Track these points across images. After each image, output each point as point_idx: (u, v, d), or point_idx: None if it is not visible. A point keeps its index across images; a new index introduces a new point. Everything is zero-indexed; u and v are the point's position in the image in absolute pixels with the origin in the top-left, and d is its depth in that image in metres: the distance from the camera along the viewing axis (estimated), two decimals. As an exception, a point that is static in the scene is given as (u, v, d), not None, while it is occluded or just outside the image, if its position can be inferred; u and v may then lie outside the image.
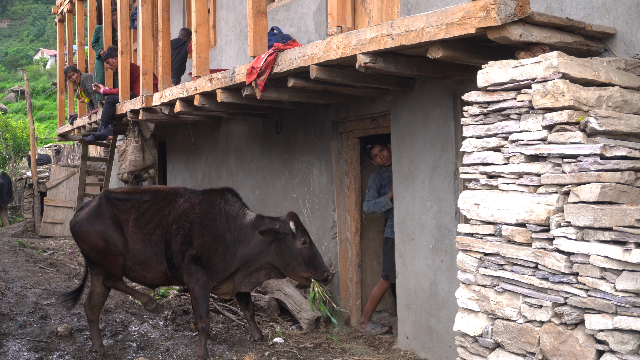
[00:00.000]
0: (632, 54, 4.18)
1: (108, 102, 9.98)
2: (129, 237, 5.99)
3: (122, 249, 5.98)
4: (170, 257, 5.91)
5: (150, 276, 6.08)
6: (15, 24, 74.06)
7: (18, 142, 24.26)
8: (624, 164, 3.34)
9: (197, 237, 5.85)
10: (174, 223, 5.93)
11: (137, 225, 6.00)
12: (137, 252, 5.97)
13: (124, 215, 6.06)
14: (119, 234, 5.99)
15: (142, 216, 6.03)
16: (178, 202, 6.06)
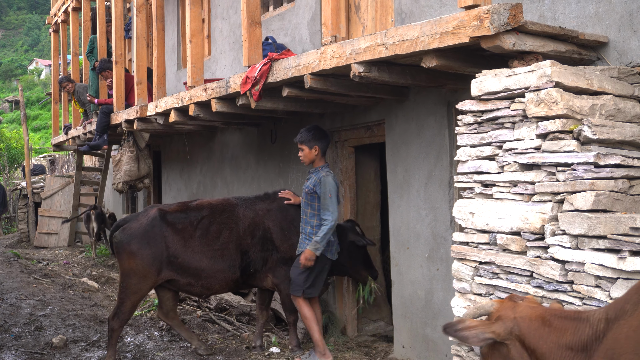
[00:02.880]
0: (624, 63, 4.20)
1: (102, 112, 9.98)
2: (191, 257, 5.92)
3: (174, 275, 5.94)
4: (246, 266, 6.01)
5: (217, 287, 6.11)
6: (10, 34, 74.03)
7: (12, 153, 24.23)
8: (618, 172, 3.35)
9: (281, 242, 6.04)
10: (247, 233, 6.02)
11: (203, 243, 5.96)
12: (203, 269, 5.92)
13: (181, 235, 5.95)
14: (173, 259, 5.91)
15: (207, 233, 5.99)
16: (240, 212, 6.13)
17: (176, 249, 5.90)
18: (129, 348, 6.45)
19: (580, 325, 2.67)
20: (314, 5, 7.26)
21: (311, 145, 5.82)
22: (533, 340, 2.74)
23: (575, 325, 2.69)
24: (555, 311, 2.81)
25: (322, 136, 5.88)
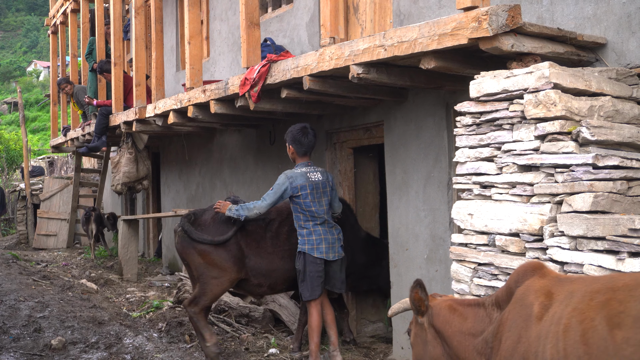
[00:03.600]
0: (623, 64, 4.21)
1: (101, 114, 9.98)
2: (264, 258, 5.98)
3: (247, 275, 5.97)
4: None
5: (281, 287, 6.26)
6: (8, 35, 74.01)
7: (11, 154, 24.22)
8: (616, 174, 3.35)
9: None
10: None
11: (275, 244, 6.04)
12: (274, 269, 6.00)
13: (253, 236, 5.98)
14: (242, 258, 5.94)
15: (277, 235, 6.08)
16: None
17: (250, 250, 5.95)
18: (128, 350, 6.44)
19: (478, 312, 2.98)
20: (313, 6, 7.27)
21: (289, 145, 5.95)
22: (441, 325, 3.11)
23: (474, 311, 3.00)
24: (461, 300, 3.18)
25: (297, 139, 5.87)
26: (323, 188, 5.80)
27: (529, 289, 2.65)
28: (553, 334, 2.42)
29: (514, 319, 2.65)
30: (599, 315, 2.32)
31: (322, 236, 5.72)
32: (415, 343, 3.37)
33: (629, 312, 2.25)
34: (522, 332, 2.58)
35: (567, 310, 2.43)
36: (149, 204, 13.66)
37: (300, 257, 5.73)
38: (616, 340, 2.23)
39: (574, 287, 2.51)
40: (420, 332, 3.28)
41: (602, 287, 2.41)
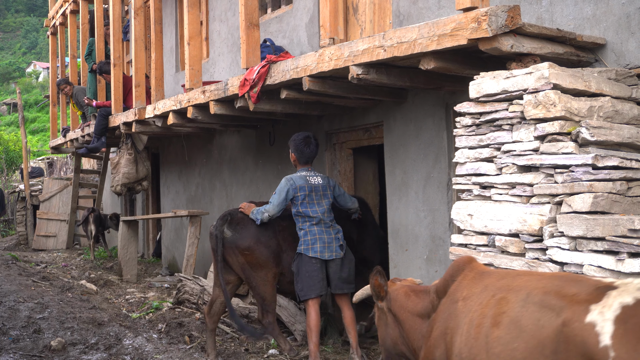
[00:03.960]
0: (622, 64, 4.21)
1: (101, 115, 9.98)
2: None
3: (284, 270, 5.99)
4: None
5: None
6: (8, 36, 74.00)
7: (10, 155, 24.22)
8: (616, 174, 3.35)
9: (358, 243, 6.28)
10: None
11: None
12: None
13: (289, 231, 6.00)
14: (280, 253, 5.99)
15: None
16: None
17: (286, 245, 5.97)
18: (128, 351, 6.44)
19: (426, 298, 3.26)
20: (312, 7, 7.27)
21: (291, 152, 6.03)
22: (397, 310, 3.40)
23: (423, 298, 3.29)
24: (414, 287, 3.47)
25: (299, 148, 5.95)
26: (323, 191, 5.84)
27: (459, 285, 2.94)
28: (462, 326, 2.69)
29: (444, 311, 2.95)
30: (491, 312, 2.54)
31: (317, 236, 5.72)
32: (378, 325, 3.63)
33: (509, 313, 2.43)
34: (447, 324, 2.87)
35: (475, 305, 2.69)
36: (148, 205, 13.65)
37: (296, 257, 5.77)
38: (492, 338, 2.44)
39: (488, 282, 2.77)
40: (382, 316, 3.55)
41: (504, 285, 2.64)
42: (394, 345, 3.50)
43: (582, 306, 2.21)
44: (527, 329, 2.35)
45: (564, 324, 2.22)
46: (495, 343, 2.43)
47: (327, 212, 5.84)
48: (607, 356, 2.02)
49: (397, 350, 3.49)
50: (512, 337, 2.39)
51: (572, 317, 2.20)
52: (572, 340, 2.17)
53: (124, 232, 10.24)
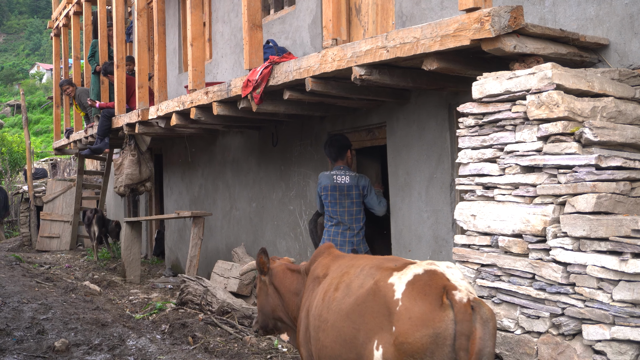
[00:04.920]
0: (625, 65, 4.21)
1: (104, 116, 10.00)
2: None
3: None
4: None
5: None
6: (11, 38, 74.16)
7: (14, 157, 24.23)
8: (619, 174, 3.35)
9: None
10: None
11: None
12: None
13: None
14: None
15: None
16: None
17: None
18: (131, 351, 6.45)
19: (299, 277, 4.11)
20: (315, 8, 7.27)
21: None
22: (278, 284, 4.17)
23: (297, 276, 4.12)
24: (291, 265, 4.25)
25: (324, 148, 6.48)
26: (348, 191, 6.02)
27: (318, 265, 3.88)
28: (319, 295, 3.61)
29: (309, 286, 3.87)
30: (335, 281, 3.52)
31: (331, 237, 5.86)
32: (259, 294, 4.34)
33: (346, 281, 3.43)
34: (310, 294, 3.80)
35: (329, 279, 3.63)
36: (151, 206, 13.67)
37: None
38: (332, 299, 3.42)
39: (341, 262, 3.75)
40: (263, 287, 4.27)
41: (349, 264, 3.61)
42: (272, 311, 4.26)
43: (388, 273, 3.17)
44: (354, 289, 3.31)
45: (375, 283, 3.18)
46: (333, 302, 3.40)
47: (348, 213, 5.99)
48: (397, 304, 3.01)
49: (274, 316, 4.28)
50: (344, 295, 3.35)
51: (380, 279, 3.17)
52: (378, 293, 3.13)
53: (127, 233, 10.25)
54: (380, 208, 6.21)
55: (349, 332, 3.25)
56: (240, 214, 9.16)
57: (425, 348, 2.90)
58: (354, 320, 3.23)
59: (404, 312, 2.98)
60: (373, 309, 3.14)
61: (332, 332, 3.38)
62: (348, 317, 3.27)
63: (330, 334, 3.39)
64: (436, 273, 3.07)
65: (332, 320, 3.37)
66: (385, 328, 3.06)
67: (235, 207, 9.31)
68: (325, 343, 3.42)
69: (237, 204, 9.27)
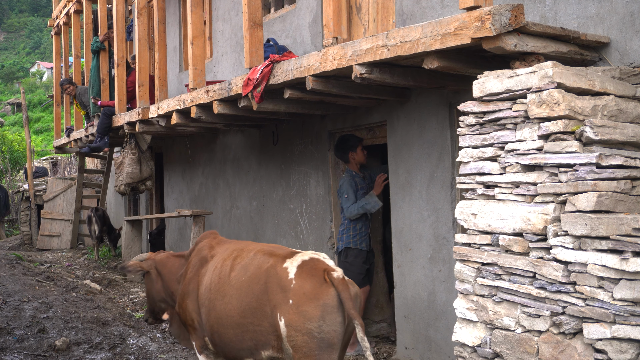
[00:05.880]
0: (626, 63, 4.20)
1: (104, 114, 9.99)
2: None
3: None
4: None
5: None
6: (12, 36, 74.12)
7: (15, 155, 24.23)
8: (620, 173, 3.35)
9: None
10: None
11: None
12: None
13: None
14: None
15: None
16: None
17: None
18: (132, 350, 6.45)
19: (180, 260, 4.97)
20: (315, 7, 7.27)
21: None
22: (161, 269, 5.00)
23: (178, 260, 4.98)
24: (173, 253, 5.12)
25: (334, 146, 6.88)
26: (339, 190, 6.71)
27: (204, 245, 4.74)
28: (210, 271, 4.46)
29: (194, 262, 4.70)
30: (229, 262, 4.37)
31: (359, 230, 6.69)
32: (147, 281, 5.16)
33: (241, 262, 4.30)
34: (197, 270, 4.62)
35: (219, 259, 4.48)
36: (152, 205, 13.67)
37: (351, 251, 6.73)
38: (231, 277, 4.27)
39: (228, 246, 4.63)
40: (149, 276, 5.08)
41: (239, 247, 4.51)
42: (157, 294, 5.05)
43: (281, 259, 4.11)
44: (251, 269, 4.19)
45: (271, 266, 4.08)
46: (233, 279, 4.25)
47: (341, 211, 6.71)
48: (292, 282, 3.93)
49: (159, 298, 5.06)
50: (242, 274, 4.22)
51: (276, 264, 4.08)
52: (273, 274, 4.03)
53: (128, 231, 10.26)
54: (347, 212, 6.56)
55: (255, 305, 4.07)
56: (241, 212, 9.17)
57: (318, 315, 3.82)
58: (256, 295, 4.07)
59: (298, 288, 3.89)
60: (271, 287, 4.00)
61: (238, 303, 4.16)
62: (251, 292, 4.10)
63: (235, 304, 4.17)
64: (318, 260, 4.06)
65: (235, 294, 4.19)
66: (284, 302, 3.90)
67: (236, 206, 9.31)
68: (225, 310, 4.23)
69: (237, 202, 9.27)
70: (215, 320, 4.30)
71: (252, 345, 4.14)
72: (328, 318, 3.82)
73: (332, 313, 3.83)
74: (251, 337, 4.12)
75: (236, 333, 4.19)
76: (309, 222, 7.61)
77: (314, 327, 3.81)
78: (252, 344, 4.14)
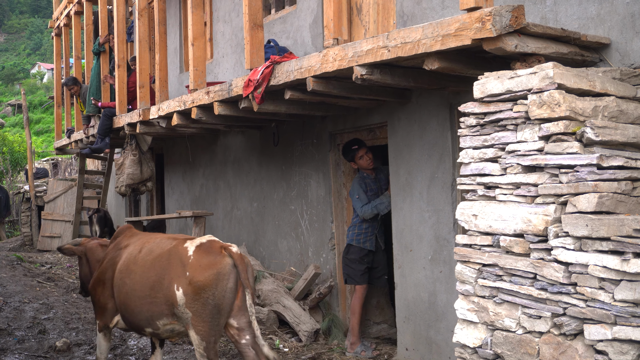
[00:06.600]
0: (627, 64, 4.20)
1: (105, 115, 9.99)
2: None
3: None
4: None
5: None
6: (12, 37, 74.17)
7: (15, 156, 24.23)
8: (621, 174, 3.35)
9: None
10: None
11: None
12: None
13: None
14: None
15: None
16: None
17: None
18: (132, 351, 6.45)
19: (104, 249, 5.55)
20: (316, 8, 7.27)
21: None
22: (89, 256, 5.63)
23: (102, 248, 5.56)
24: (101, 241, 5.71)
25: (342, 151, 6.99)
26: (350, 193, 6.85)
27: (121, 238, 5.38)
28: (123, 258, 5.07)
29: (112, 251, 5.32)
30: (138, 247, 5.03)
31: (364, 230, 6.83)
32: (79, 263, 5.81)
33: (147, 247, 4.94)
34: (114, 258, 5.20)
35: (131, 247, 5.12)
36: (152, 206, 13.66)
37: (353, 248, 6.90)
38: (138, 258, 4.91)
39: (140, 237, 5.28)
40: (81, 261, 5.71)
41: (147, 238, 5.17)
42: (85, 276, 5.67)
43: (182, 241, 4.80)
44: (156, 250, 4.84)
45: (174, 246, 4.74)
46: (139, 259, 4.88)
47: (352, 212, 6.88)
48: (190, 258, 4.58)
49: (86, 279, 5.64)
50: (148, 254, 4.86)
51: (177, 244, 4.75)
52: (176, 253, 4.68)
53: (128, 232, 10.23)
54: (360, 212, 6.67)
55: (155, 279, 4.67)
56: (242, 213, 9.17)
57: (210, 283, 4.46)
58: (157, 271, 4.68)
59: (195, 262, 4.54)
60: (172, 263, 4.62)
61: (140, 279, 4.77)
62: (153, 268, 4.71)
63: (138, 279, 4.78)
64: (215, 240, 4.77)
65: (139, 271, 4.80)
66: (182, 274, 4.54)
67: (237, 207, 9.31)
68: (133, 286, 4.81)
69: (238, 203, 9.27)
70: (123, 295, 4.90)
71: (149, 315, 4.74)
72: (220, 286, 4.47)
73: (223, 281, 4.48)
74: (148, 309, 4.72)
75: (136, 305, 4.80)
76: (309, 223, 7.61)
77: (208, 295, 4.45)
78: (148, 314, 4.73)
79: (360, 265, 6.60)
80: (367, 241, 6.66)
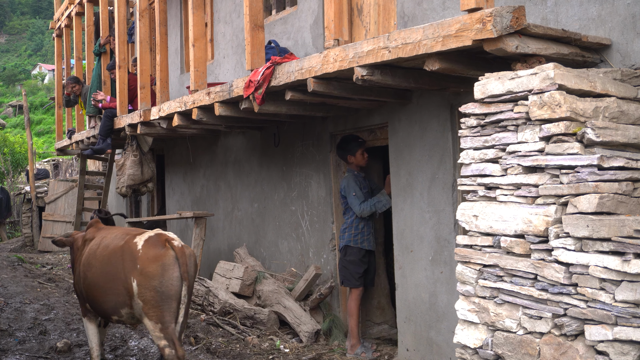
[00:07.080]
0: (628, 65, 4.20)
1: (106, 116, 9.99)
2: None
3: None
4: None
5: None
6: (13, 39, 74.25)
7: (16, 157, 24.26)
8: (622, 175, 3.35)
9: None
10: None
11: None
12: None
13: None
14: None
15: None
16: None
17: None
18: (133, 352, 6.45)
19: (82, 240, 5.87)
20: (317, 9, 7.28)
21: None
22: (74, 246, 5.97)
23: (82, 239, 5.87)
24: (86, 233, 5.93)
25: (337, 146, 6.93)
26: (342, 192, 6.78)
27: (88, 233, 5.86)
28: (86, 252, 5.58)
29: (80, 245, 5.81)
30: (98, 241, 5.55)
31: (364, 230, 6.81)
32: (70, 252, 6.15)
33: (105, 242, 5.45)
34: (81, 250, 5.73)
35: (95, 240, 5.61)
36: (153, 207, 13.67)
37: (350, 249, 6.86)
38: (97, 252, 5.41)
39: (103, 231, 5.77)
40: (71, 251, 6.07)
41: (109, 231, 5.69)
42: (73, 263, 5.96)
43: (133, 236, 5.24)
44: (111, 246, 5.32)
45: (126, 242, 5.21)
46: (98, 254, 5.39)
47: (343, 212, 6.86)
48: (139, 252, 5.04)
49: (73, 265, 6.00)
50: (105, 248, 5.36)
51: (128, 240, 5.21)
52: (127, 248, 5.15)
53: (129, 233, 10.23)
54: (358, 210, 6.61)
55: (112, 271, 5.18)
56: (242, 214, 9.17)
57: (158, 273, 4.94)
58: (114, 265, 5.18)
59: (144, 255, 5.02)
60: (125, 258, 5.11)
61: (98, 272, 5.30)
62: (110, 263, 5.22)
63: (97, 272, 5.31)
64: (162, 234, 5.21)
65: (99, 265, 5.32)
66: (134, 267, 5.01)
67: (237, 208, 9.31)
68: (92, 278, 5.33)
69: (239, 204, 9.28)
70: (87, 286, 5.43)
71: (113, 305, 5.20)
72: (166, 275, 4.95)
73: (169, 270, 4.96)
74: (111, 299, 5.20)
75: (100, 295, 5.29)
76: (310, 224, 7.61)
77: (156, 283, 4.93)
78: (113, 304, 5.20)
79: (359, 267, 6.58)
80: (364, 241, 6.66)
